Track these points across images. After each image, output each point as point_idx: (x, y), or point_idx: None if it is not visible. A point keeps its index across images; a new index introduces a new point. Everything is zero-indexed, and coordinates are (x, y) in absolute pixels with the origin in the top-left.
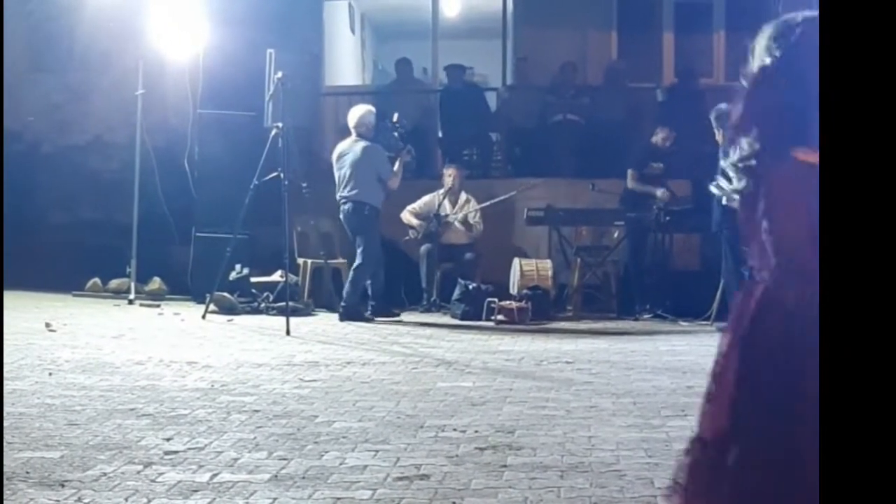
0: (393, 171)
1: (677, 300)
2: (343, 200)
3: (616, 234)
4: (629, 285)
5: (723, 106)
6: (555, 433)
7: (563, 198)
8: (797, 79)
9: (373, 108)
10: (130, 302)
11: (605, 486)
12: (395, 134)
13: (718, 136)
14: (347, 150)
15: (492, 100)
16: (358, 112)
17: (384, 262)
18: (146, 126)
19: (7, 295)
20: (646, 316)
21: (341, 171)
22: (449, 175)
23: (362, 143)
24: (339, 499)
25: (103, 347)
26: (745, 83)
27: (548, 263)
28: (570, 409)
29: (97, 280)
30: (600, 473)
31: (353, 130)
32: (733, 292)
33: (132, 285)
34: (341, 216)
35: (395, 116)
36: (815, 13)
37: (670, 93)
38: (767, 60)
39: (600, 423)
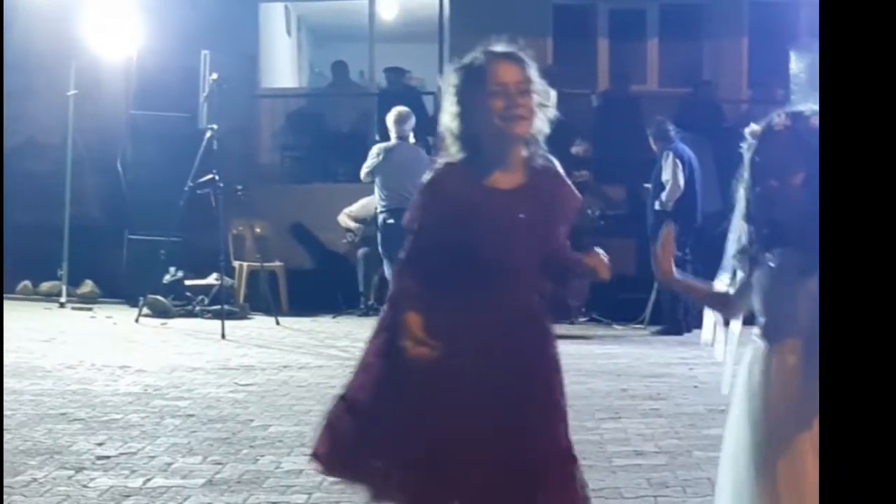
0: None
1: (612, 304)
2: (402, 206)
3: None
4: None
5: (660, 118)
6: None
7: None
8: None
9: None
10: (62, 305)
11: None
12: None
13: (654, 146)
14: (399, 154)
15: (429, 104)
16: (404, 112)
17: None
18: (79, 127)
19: None
20: (581, 319)
21: (392, 174)
22: None
23: (413, 147)
24: (274, 503)
25: (34, 351)
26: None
27: None
28: None
29: (28, 283)
30: None
31: (397, 132)
32: (666, 296)
33: (64, 288)
34: (392, 221)
35: None
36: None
37: (605, 99)
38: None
39: None
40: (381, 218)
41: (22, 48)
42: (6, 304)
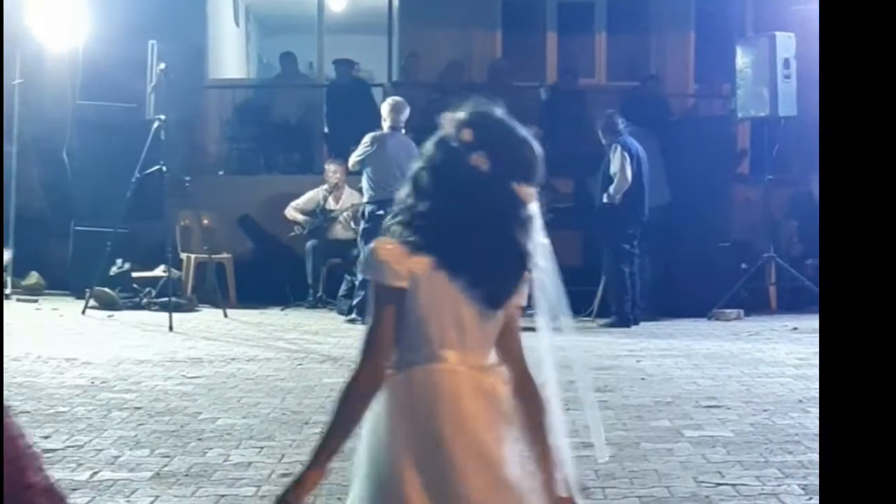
0: None
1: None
2: (392, 197)
3: None
4: None
5: (609, 111)
6: None
7: None
8: None
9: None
10: (7, 297)
11: None
12: None
13: (602, 139)
14: (392, 144)
15: (377, 96)
16: (399, 102)
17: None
18: (24, 117)
19: None
20: (528, 311)
21: (384, 164)
22: (332, 171)
23: (406, 138)
24: (222, 496)
25: None
26: None
27: None
28: None
29: None
30: None
31: (392, 121)
32: (613, 289)
33: (9, 280)
34: (382, 212)
35: None
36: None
37: (553, 92)
38: None
39: None
40: (367, 209)
41: None
42: None
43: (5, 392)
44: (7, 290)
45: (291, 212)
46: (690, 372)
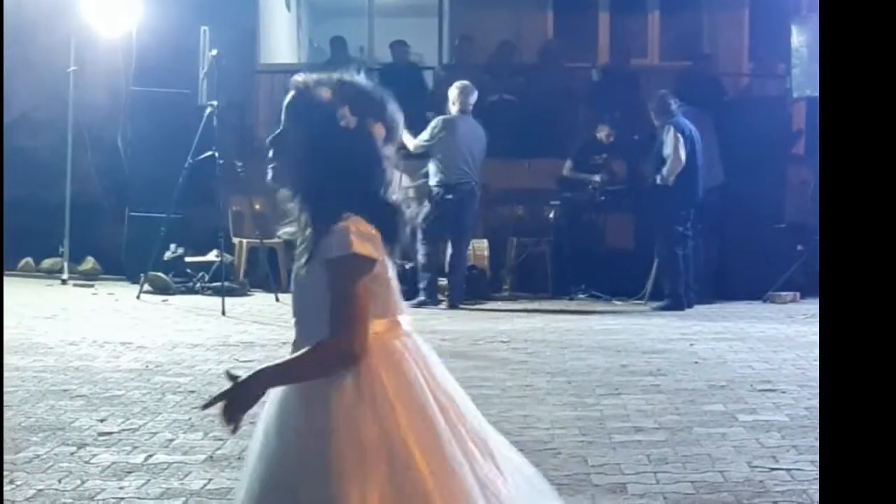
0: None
1: (612, 279)
2: (463, 180)
3: (552, 214)
4: (564, 265)
5: (662, 92)
6: (490, 412)
7: (499, 177)
8: None
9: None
10: (63, 282)
11: (539, 464)
12: None
13: (655, 120)
14: (462, 128)
15: (429, 78)
16: (468, 85)
17: None
18: (78, 104)
19: None
20: (581, 295)
21: (454, 148)
22: None
23: (475, 122)
24: None
25: (36, 328)
26: None
27: (484, 243)
28: (506, 388)
29: (29, 260)
30: (535, 452)
31: (461, 105)
32: (667, 271)
33: (65, 265)
34: (451, 196)
35: None
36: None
37: (605, 73)
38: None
39: (535, 401)
40: (436, 192)
41: (17, 21)
42: (9, 280)
43: (63, 376)
44: (64, 276)
45: None
46: (745, 355)
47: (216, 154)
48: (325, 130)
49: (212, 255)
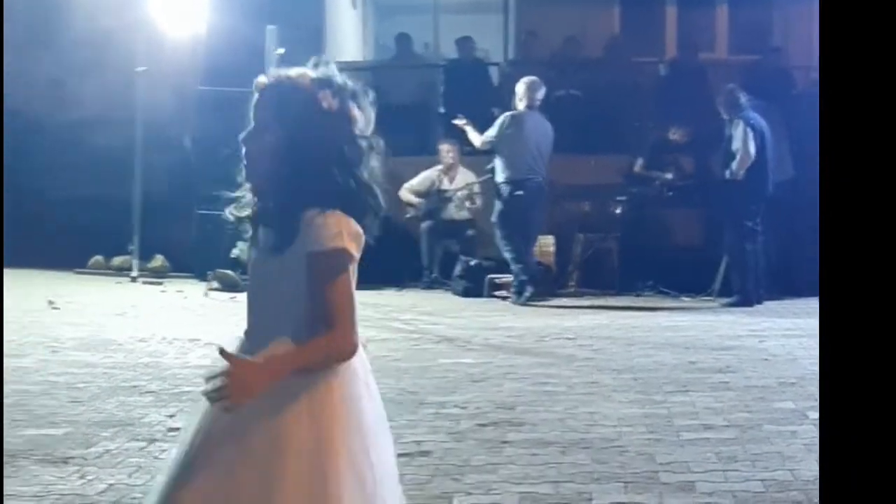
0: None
1: (679, 275)
2: (530, 177)
3: (618, 210)
4: (631, 261)
5: (731, 86)
6: (556, 409)
7: (565, 173)
8: None
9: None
10: (133, 279)
11: (606, 461)
12: None
13: (724, 114)
14: (530, 124)
15: (494, 74)
16: (535, 81)
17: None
18: (147, 103)
19: (10, 272)
20: (648, 291)
21: (521, 144)
22: (446, 151)
23: (542, 118)
24: None
25: (106, 325)
26: None
27: (549, 239)
28: (572, 385)
29: (100, 257)
30: (601, 449)
31: (529, 100)
32: (736, 267)
33: (135, 262)
34: (521, 193)
35: None
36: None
37: (672, 67)
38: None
39: (601, 398)
40: (504, 189)
41: (89, 23)
42: (80, 277)
43: (132, 372)
44: (133, 273)
45: (406, 193)
46: (815, 352)
47: None
48: (307, 115)
49: None
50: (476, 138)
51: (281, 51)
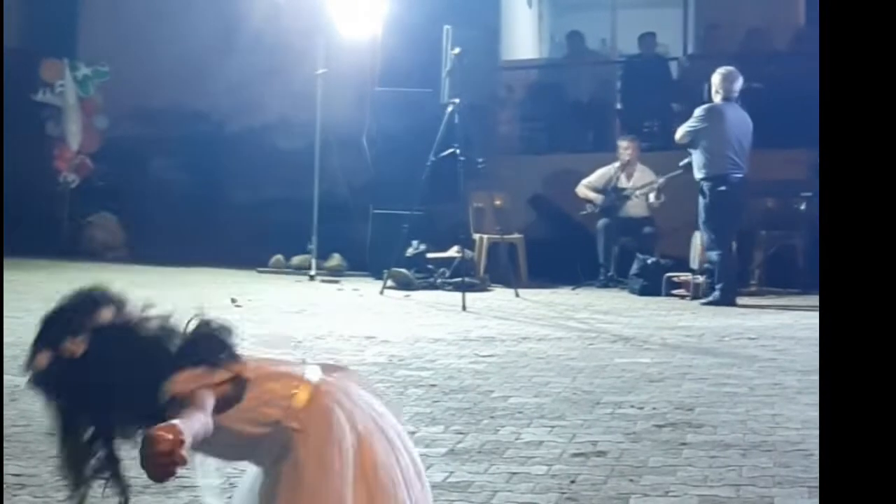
0: None
1: None
2: (732, 171)
3: (803, 206)
4: (817, 259)
5: None
6: (736, 411)
7: (749, 168)
8: None
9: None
10: (311, 278)
11: (789, 465)
12: None
13: None
14: (730, 116)
15: (673, 69)
16: (732, 72)
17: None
18: (326, 105)
19: (194, 271)
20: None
21: (722, 137)
22: (624, 147)
23: (741, 109)
24: (514, 473)
25: (286, 322)
26: None
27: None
28: (753, 387)
29: (280, 257)
30: (784, 452)
31: (725, 92)
32: None
33: (313, 262)
34: (725, 188)
35: None
36: None
37: None
38: None
39: (785, 400)
40: (705, 185)
41: (272, 27)
42: (261, 276)
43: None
44: (312, 272)
45: (583, 190)
46: None
47: (457, 151)
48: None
49: (453, 251)
50: (679, 132)
51: (457, 50)
